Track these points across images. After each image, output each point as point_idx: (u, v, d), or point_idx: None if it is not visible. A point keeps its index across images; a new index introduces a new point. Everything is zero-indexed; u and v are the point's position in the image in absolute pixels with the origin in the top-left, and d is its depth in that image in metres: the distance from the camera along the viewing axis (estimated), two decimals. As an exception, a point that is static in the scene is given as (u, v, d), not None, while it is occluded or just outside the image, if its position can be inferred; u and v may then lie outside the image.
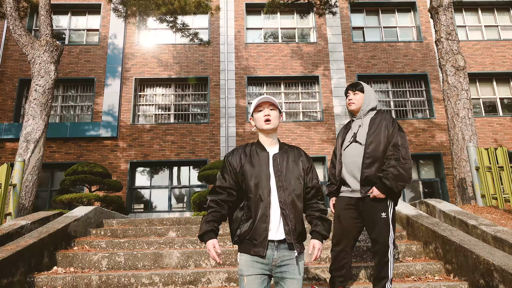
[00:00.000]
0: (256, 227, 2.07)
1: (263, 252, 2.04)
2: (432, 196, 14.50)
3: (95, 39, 16.04)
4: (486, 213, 4.69)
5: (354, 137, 3.20)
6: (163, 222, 6.11)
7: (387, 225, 3.01)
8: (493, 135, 14.68)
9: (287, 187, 2.12)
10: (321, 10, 12.43)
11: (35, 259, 3.96)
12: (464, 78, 7.14)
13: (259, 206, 2.08)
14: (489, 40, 16.09)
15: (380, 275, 3.00)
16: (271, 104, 2.23)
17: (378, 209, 3.01)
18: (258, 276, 2.05)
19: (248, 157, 2.20)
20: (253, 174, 2.13)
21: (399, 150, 3.02)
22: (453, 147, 6.92)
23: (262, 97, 2.23)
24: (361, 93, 3.28)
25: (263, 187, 2.10)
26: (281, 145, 2.28)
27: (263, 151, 2.22)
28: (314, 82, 15.73)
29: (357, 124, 3.26)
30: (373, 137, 3.08)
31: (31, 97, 7.43)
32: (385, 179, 2.95)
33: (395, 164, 2.98)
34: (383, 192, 2.97)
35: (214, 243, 2.04)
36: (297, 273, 2.09)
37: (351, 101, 3.29)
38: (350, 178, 3.14)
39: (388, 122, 3.14)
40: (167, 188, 14.47)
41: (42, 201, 13.79)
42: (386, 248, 2.99)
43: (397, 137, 3.07)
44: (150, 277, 3.72)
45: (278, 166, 2.17)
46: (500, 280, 2.93)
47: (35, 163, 7.08)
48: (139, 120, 15.18)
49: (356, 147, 3.14)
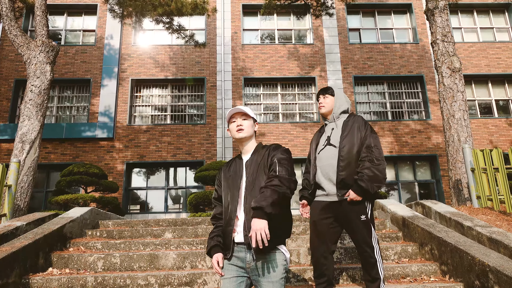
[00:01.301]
0: (224, 231, 2.19)
1: (229, 254, 2.14)
2: (428, 198, 14.55)
3: (91, 39, 16.00)
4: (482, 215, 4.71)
5: (328, 140, 3.22)
6: (159, 223, 6.10)
7: (368, 227, 3.02)
8: (488, 136, 14.75)
9: (250, 192, 2.15)
10: (318, 12, 12.47)
11: (30, 261, 3.94)
12: (459, 79, 7.18)
13: (227, 212, 2.19)
14: (485, 42, 16.18)
15: (371, 277, 3.00)
16: (243, 114, 2.32)
17: (357, 213, 3.01)
18: (233, 279, 2.12)
19: (227, 169, 2.35)
20: (227, 184, 2.27)
21: (372, 151, 3.04)
22: (448, 148, 6.95)
23: (234, 109, 2.31)
24: (331, 96, 3.33)
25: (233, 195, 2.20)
26: (255, 150, 2.31)
27: (240, 160, 2.33)
28: (310, 84, 15.76)
29: (330, 127, 3.29)
30: (346, 140, 3.10)
31: (26, 97, 7.40)
32: (360, 181, 2.96)
33: (369, 166, 2.99)
34: (359, 194, 2.98)
35: (218, 258, 2.15)
36: (273, 276, 2.06)
37: (321, 104, 3.35)
38: (325, 182, 3.14)
39: (361, 124, 3.16)
40: (163, 189, 14.44)
41: (38, 202, 13.72)
42: (372, 249, 2.99)
43: (370, 139, 3.09)
44: (146, 278, 3.71)
45: (246, 173, 2.24)
46: (495, 281, 2.95)
47: (31, 164, 7.05)
48: (136, 121, 15.15)
49: (331, 150, 3.15)
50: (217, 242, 2.19)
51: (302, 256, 4.26)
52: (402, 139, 14.71)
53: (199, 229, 5.43)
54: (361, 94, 15.71)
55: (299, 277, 3.80)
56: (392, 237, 4.93)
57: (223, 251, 2.18)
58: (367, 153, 3.04)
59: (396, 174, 14.83)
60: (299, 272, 3.83)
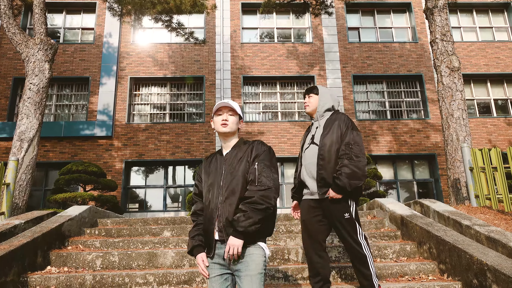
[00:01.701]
0: (205, 228, 2.18)
1: (211, 252, 2.14)
2: (427, 196, 14.57)
3: (90, 37, 15.97)
4: (480, 214, 4.72)
5: (312, 138, 3.24)
6: (158, 222, 6.10)
7: (353, 224, 3.02)
8: (487, 136, 14.77)
9: (226, 185, 2.15)
10: (317, 10, 12.46)
11: (29, 259, 3.94)
12: (458, 79, 7.18)
13: (208, 208, 2.17)
14: (484, 41, 16.18)
15: (363, 273, 2.99)
16: (230, 109, 2.30)
17: (340, 211, 3.01)
18: (217, 277, 2.12)
19: (207, 164, 2.32)
20: (207, 180, 2.24)
21: (351, 148, 3.03)
22: (447, 147, 6.95)
23: (222, 102, 2.28)
24: (315, 95, 3.33)
25: (213, 191, 2.18)
26: (236, 144, 2.30)
27: (220, 156, 2.31)
28: (309, 82, 15.75)
29: (315, 126, 3.30)
30: (326, 138, 3.11)
31: (25, 95, 7.38)
32: (337, 179, 2.95)
33: (347, 163, 2.98)
34: (338, 192, 2.97)
35: (202, 257, 2.15)
36: (252, 269, 2.04)
37: (306, 104, 3.37)
38: (309, 180, 3.15)
39: (341, 121, 3.15)
40: (162, 187, 14.44)
41: (36, 200, 13.71)
42: (359, 245, 2.99)
43: (350, 136, 3.07)
44: (145, 277, 3.71)
45: (225, 166, 2.22)
46: (493, 280, 2.95)
47: (29, 162, 7.04)
48: (134, 119, 15.14)
49: (314, 149, 3.16)
50: (200, 242, 2.18)
51: (300, 255, 4.27)
52: (401, 138, 14.72)
53: (197, 227, 5.42)
54: (360, 93, 15.71)
55: (297, 275, 3.81)
56: (391, 235, 4.94)
57: (206, 249, 2.18)
58: (346, 150, 3.03)
59: (395, 173, 14.84)
60: (298, 271, 3.83)
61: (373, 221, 5.52)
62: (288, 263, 4.24)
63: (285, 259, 4.26)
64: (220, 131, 2.28)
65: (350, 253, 3.05)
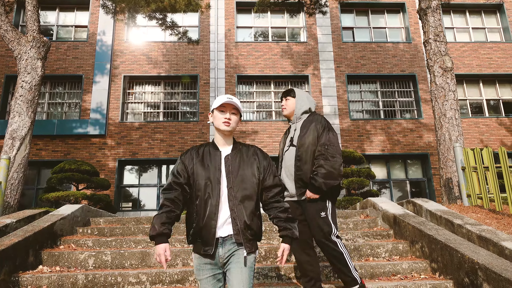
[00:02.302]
0: (205, 225, 2.09)
1: (211, 250, 2.06)
2: (419, 196, 14.66)
3: (84, 35, 15.87)
4: (472, 213, 4.76)
5: (291, 141, 3.27)
6: (151, 221, 6.07)
7: (327, 224, 3.06)
8: (479, 135, 14.89)
9: (237, 187, 2.14)
10: (311, 10, 12.47)
11: (20, 258, 3.91)
12: (451, 79, 7.23)
13: (208, 204, 2.10)
14: (477, 42, 16.31)
15: (341, 270, 3.03)
16: (234, 107, 2.25)
17: (316, 210, 3.06)
18: (210, 278, 2.09)
19: (200, 157, 2.23)
20: (203, 174, 2.16)
21: (327, 149, 3.07)
22: (440, 147, 7.00)
23: (228, 99, 2.21)
24: (292, 98, 3.36)
25: (213, 187, 2.12)
26: (235, 145, 2.29)
27: (215, 151, 2.25)
28: (303, 82, 15.78)
29: (293, 128, 3.33)
30: (303, 140, 3.15)
31: (17, 93, 7.32)
32: (313, 179, 3.01)
33: (323, 164, 3.03)
34: (315, 192, 3.02)
35: (166, 248, 2.05)
36: (242, 261, 2.06)
37: (283, 106, 3.40)
38: (288, 182, 3.20)
39: (317, 122, 3.19)
40: (155, 186, 14.39)
41: (28, 199, 13.61)
42: (334, 244, 3.03)
43: (326, 136, 3.12)
44: (137, 276, 3.70)
45: (229, 167, 2.18)
46: (484, 279, 2.98)
47: (21, 161, 6.98)
48: (128, 118, 15.06)
49: (293, 151, 3.20)
50: (168, 230, 2.08)
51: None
52: (394, 137, 14.80)
53: (191, 226, 5.42)
54: (354, 92, 15.76)
55: (291, 274, 3.82)
56: (383, 234, 4.96)
57: (203, 246, 2.09)
58: (322, 151, 3.07)
59: (388, 172, 14.91)
60: (291, 269, 3.84)
61: (366, 220, 5.55)
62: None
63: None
64: (221, 129, 2.23)
65: (326, 252, 3.08)
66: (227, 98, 2.22)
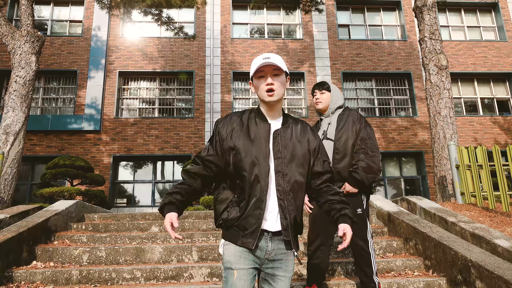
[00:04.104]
0: (248, 213, 1.73)
1: (253, 244, 1.71)
2: (414, 193, 14.74)
3: (78, 30, 15.75)
4: (465, 211, 4.79)
5: (324, 134, 3.25)
6: (145, 217, 6.07)
7: (364, 221, 3.06)
8: (473, 134, 14.98)
9: (287, 173, 1.78)
10: (307, 7, 12.46)
11: (14, 254, 3.89)
12: (446, 77, 7.25)
13: (255, 189, 1.74)
14: (471, 40, 16.37)
15: (365, 271, 3.04)
16: (276, 68, 1.80)
17: (353, 205, 3.04)
18: (250, 270, 1.73)
19: (245, 128, 1.83)
20: (250, 149, 1.77)
21: (366, 143, 3.09)
22: (434, 145, 7.03)
23: (265, 60, 1.77)
24: (327, 92, 3.33)
25: (261, 167, 1.75)
26: (285, 118, 1.90)
27: (263, 122, 1.85)
28: (299, 79, 15.78)
29: (326, 122, 3.30)
30: (341, 133, 3.14)
31: (11, 88, 7.26)
32: (354, 173, 3.01)
33: (363, 158, 3.04)
34: (355, 186, 3.02)
35: (171, 217, 1.73)
36: (290, 270, 1.81)
37: (318, 100, 3.33)
38: None
39: (355, 118, 3.20)
40: (150, 182, 14.36)
41: (22, 194, 13.53)
42: (366, 243, 3.04)
43: (364, 131, 3.14)
44: (132, 272, 3.69)
45: (279, 146, 1.80)
46: (477, 276, 3.00)
47: (15, 156, 6.94)
48: (123, 113, 15.00)
49: (327, 144, 3.18)
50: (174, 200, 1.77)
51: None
52: (389, 135, 14.85)
53: (186, 223, 5.42)
54: (349, 90, 15.79)
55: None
56: (378, 232, 4.99)
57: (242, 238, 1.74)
58: (362, 145, 3.09)
59: (383, 170, 14.97)
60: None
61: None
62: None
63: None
64: (266, 101, 1.81)
65: (354, 250, 3.07)
66: (263, 58, 1.79)
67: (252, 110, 1.91)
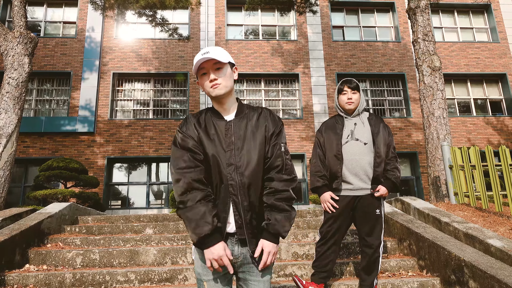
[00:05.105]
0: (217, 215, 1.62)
1: None
2: (408, 194, 14.80)
3: (72, 31, 15.68)
4: (459, 211, 4.82)
5: (352, 135, 3.21)
6: (140, 219, 6.04)
7: (380, 222, 3.15)
8: (466, 134, 15.08)
9: (240, 165, 1.65)
10: (302, 9, 12.49)
11: (6, 257, 3.85)
12: (439, 78, 7.30)
13: (220, 190, 1.65)
14: (465, 41, 16.49)
15: (369, 271, 3.14)
16: (216, 62, 1.69)
17: (375, 207, 3.12)
18: (221, 278, 1.65)
19: (203, 128, 1.72)
20: (211, 150, 1.67)
21: (394, 152, 3.25)
22: (428, 146, 7.07)
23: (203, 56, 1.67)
24: (358, 92, 3.28)
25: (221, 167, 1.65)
26: (240, 109, 1.78)
27: (219, 120, 1.74)
28: (294, 80, 15.81)
29: (351, 122, 3.24)
30: (379, 138, 3.18)
31: (3, 90, 7.21)
32: (394, 179, 3.15)
33: (397, 166, 3.21)
34: (390, 190, 3.14)
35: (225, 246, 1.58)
36: (260, 275, 1.67)
37: (351, 100, 3.21)
38: (351, 176, 3.13)
39: (383, 124, 3.29)
40: (145, 184, 14.31)
41: (15, 197, 13.43)
42: (379, 243, 3.14)
43: (393, 140, 3.28)
44: (126, 275, 3.67)
45: (231, 138, 1.69)
46: (470, 276, 3.02)
47: (8, 158, 6.89)
48: (117, 115, 14.94)
49: (356, 145, 3.15)
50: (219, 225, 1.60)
51: (283, 252, 4.29)
52: (384, 136, 14.89)
53: (180, 225, 5.40)
54: (343, 91, 15.81)
55: (280, 272, 3.82)
56: (372, 232, 5.00)
57: None
58: (394, 153, 3.24)
59: (377, 170, 15.01)
60: (280, 267, 3.84)
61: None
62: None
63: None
64: (212, 96, 1.71)
65: (367, 249, 3.14)
66: (202, 54, 1.68)
67: (207, 109, 1.81)
